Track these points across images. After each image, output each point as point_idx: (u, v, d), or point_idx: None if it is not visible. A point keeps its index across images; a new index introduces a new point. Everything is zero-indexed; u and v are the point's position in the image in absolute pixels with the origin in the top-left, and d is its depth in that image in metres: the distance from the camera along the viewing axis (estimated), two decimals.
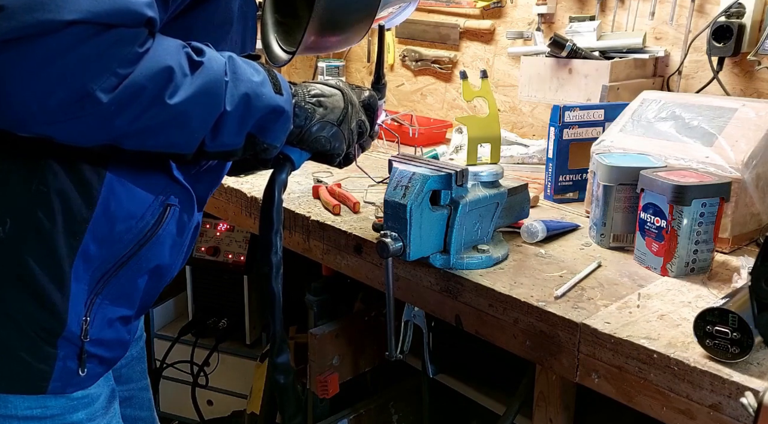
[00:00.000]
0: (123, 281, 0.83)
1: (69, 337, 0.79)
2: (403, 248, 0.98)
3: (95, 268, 0.80)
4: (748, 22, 1.48)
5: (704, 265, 1.05)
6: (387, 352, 1.05)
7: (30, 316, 0.76)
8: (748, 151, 1.11)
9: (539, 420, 1.06)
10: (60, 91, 0.64)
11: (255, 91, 0.79)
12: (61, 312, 0.78)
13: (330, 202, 1.37)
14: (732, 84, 1.57)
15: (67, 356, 0.80)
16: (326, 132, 0.90)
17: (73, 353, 0.80)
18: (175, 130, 0.74)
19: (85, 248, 0.78)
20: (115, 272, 0.81)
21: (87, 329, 0.80)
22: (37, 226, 0.75)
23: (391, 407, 1.72)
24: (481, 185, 1.08)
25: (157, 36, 0.71)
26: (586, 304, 0.94)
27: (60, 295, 0.77)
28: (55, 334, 0.78)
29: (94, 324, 0.81)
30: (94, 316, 0.81)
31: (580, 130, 1.40)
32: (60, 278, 0.77)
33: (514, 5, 1.98)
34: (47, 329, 0.78)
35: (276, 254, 0.91)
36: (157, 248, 0.84)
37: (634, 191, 1.10)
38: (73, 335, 0.79)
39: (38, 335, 0.77)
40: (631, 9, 1.72)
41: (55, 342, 0.78)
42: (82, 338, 0.80)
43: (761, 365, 0.78)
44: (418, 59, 2.27)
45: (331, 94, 0.91)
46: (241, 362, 2.10)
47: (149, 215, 0.82)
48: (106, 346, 0.84)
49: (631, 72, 1.62)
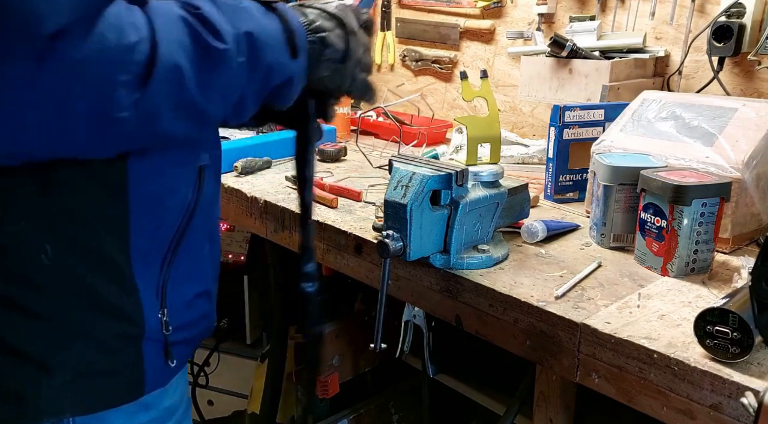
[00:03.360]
0: (185, 259, 0.80)
1: (151, 336, 0.77)
2: (403, 248, 0.98)
3: (153, 259, 0.77)
4: (749, 22, 1.48)
5: (704, 265, 1.05)
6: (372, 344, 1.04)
7: (106, 330, 0.73)
8: (748, 151, 1.11)
9: (539, 420, 1.06)
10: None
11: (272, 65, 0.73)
12: (136, 316, 0.75)
13: (325, 197, 1.36)
14: (732, 84, 1.57)
15: (154, 353, 0.78)
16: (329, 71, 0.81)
17: (159, 348, 0.79)
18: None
19: (136, 245, 0.74)
20: (174, 253, 0.78)
21: (166, 322, 0.78)
22: (79, 241, 0.71)
23: (391, 407, 1.72)
24: (481, 185, 1.08)
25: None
26: (586, 304, 0.94)
27: (130, 299, 0.75)
28: (137, 339, 0.76)
29: (171, 314, 0.79)
30: (170, 305, 0.79)
31: (581, 130, 1.40)
32: (123, 283, 0.74)
33: (514, 5, 1.98)
34: (128, 336, 0.75)
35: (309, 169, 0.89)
36: (203, 213, 0.81)
37: (635, 191, 1.10)
38: (154, 332, 0.77)
39: (121, 346, 0.75)
40: (631, 9, 1.72)
41: (140, 346, 0.76)
42: (164, 332, 0.78)
43: (761, 365, 0.78)
44: (418, 59, 2.27)
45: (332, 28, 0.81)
46: (241, 362, 2.10)
47: (184, 187, 0.78)
48: (189, 327, 0.83)
49: (631, 72, 1.62)
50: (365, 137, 2.05)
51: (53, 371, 0.71)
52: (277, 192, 1.46)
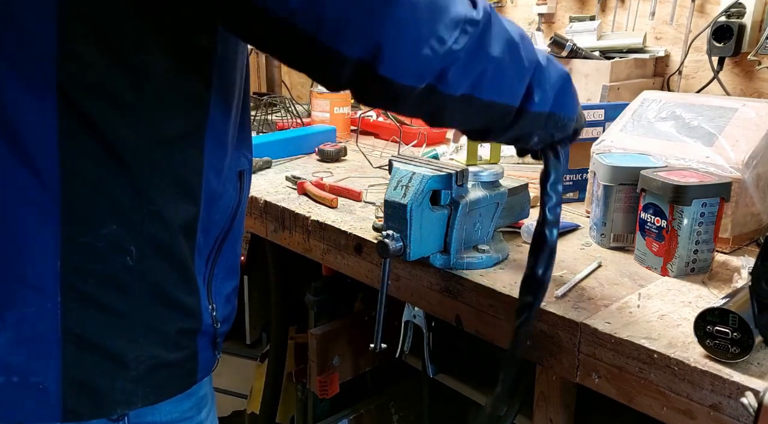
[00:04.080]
0: (226, 256, 0.85)
1: (206, 330, 0.82)
2: (403, 248, 0.98)
3: (204, 255, 0.81)
4: (749, 21, 1.48)
5: (704, 265, 1.05)
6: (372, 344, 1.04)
7: (174, 325, 0.77)
8: (748, 151, 1.11)
9: (539, 420, 1.06)
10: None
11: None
12: (196, 311, 0.80)
13: (325, 197, 1.37)
14: (732, 84, 1.57)
15: (205, 346, 0.83)
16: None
17: (210, 341, 0.83)
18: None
19: (198, 243, 0.79)
20: (218, 251, 0.83)
21: (216, 316, 0.83)
22: (159, 243, 0.74)
23: (391, 407, 1.72)
24: (481, 185, 1.08)
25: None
26: (586, 304, 0.94)
27: (192, 297, 0.79)
28: (194, 332, 0.80)
29: (218, 309, 0.84)
30: (216, 300, 0.83)
31: None
32: (189, 280, 0.78)
33: (514, 5, 1.98)
34: (187, 330, 0.79)
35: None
36: (242, 214, 0.88)
37: (635, 191, 1.10)
38: (208, 327, 0.82)
39: (181, 339, 0.79)
40: (631, 9, 1.72)
41: (195, 339, 0.80)
42: (214, 326, 0.83)
43: (762, 365, 0.78)
44: None
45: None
46: (241, 362, 2.10)
47: (231, 188, 0.83)
48: (227, 320, 0.88)
49: (631, 72, 1.62)
50: (365, 137, 2.05)
51: (129, 365, 0.74)
52: (277, 192, 1.46)
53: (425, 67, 0.66)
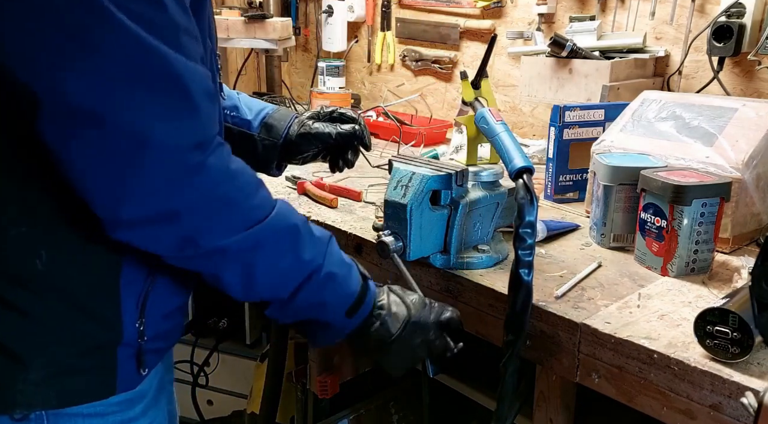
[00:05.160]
0: (173, 273, 0.82)
1: (127, 342, 0.80)
2: (403, 248, 0.98)
3: (141, 270, 0.79)
4: (749, 21, 1.48)
5: (704, 265, 1.05)
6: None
7: (86, 334, 0.76)
8: (748, 151, 1.11)
9: (539, 420, 1.06)
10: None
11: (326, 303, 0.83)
12: (116, 324, 0.78)
13: (325, 197, 1.36)
14: (732, 84, 1.57)
15: (127, 359, 0.81)
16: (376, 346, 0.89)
17: (132, 354, 0.81)
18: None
19: (128, 257, 0.77)
20: (158, 268, 0.80)
21: (143, 331, 0.81)
22: (74, 250, 0.74)
23: (391, 407, 1.72)
24: (481, 185, 1.08)
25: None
26: (586, 304, 0.94)
27: (112, 308, 0.77)
28: (113, 345, 0.79)
29: (149, 324, 0.81)
30: (149, 315, 0.81)
31: (581, 130, 1.40)
32: (109, 292, 0.77)
33: (514, 5, 1.98)
34: (105, 342, 0.78)
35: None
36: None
37: (635, 191, 1.10)
38: (130, 339, 0.80)
39: (97, 350, 0.78)
40: (631, 9, 1.72)
41: (114, 352, 0.79)
42: (139, 341, 0.81)
43: (761, 365, 0.78)
44: (418, 59, 2.27)
45: (395, 313, 0.89)
46: (241, 362, 2.10)
47: None
48: (164, 338, 0.85)
49: (631, 72, 1.62)
50: None
51: (30, 368, 0.74)
52: (277, 192, 1.46)
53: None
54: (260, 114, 1.15)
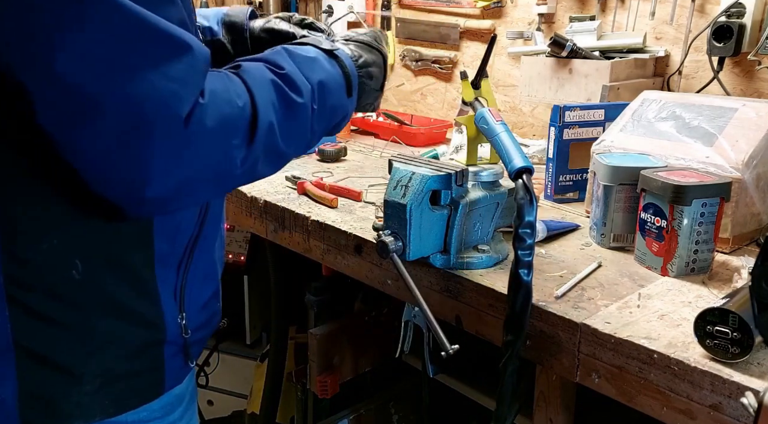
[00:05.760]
0: (201, 261, 0.83)
1: (172, 340, 0.81)
2: (403, 248, 0.98)
3: (171, 265, 0.80)
4: (749, 21, 1.48)
5: (704, 265, 1.05)
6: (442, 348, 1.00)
7: (130, 337, 0.77)
8: (748, 151, 1.11)
9: (539, 420, 1.06)
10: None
11: (335, 107, 0.85)
12: (159, 323, 0.79)
13: (325, 196, 1.36)
14: (732, 84, 1.57)
15: (174, 355, 0.82)
16: (372, 99, 0.94)
17: (179, 350, 0.82)
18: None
19: (159, 252, 0.77)
20: (190, 259, 0.81)
21: (185, 325, 0.82)
22: (107, 255, 0.74)
23: (391, 407, 1.72)
24: (481, 185, 1.08)
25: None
26: (586, 304, 0.94)
27: (153, 307, 0.78)
28: (159, 343, 0.79)
29: (189, 317, 0.82)
30: (188, 309, 0.82)
31: (581, 130, 1.40)
32: (148, 292, 0.77)
33: (514, 5, 1.98)
34: (150, 342, 0.79)
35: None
36: (213, 218, 0.85)
37: (635, 191, 1.10)
38: (175, 336, 0.81)
39: (144, 351, 0.78)
40: (631, 9, 1.72)
41: (161, 350, 0.80)
42: (183, 335, 0.82)
43: (761, 365, 0.78)
44: (418, 59, 2.27)
45: (374, 61, 0.93)
46: (241, 362, 2.10)
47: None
48: (204, 327, 0.87)
49: (631, 72, 1.62)
50: (365, 137, 2.05)
51: (82, 379, 0.74)
52: (277, 192, 1.46)
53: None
54: (217, 16, 1.10)
